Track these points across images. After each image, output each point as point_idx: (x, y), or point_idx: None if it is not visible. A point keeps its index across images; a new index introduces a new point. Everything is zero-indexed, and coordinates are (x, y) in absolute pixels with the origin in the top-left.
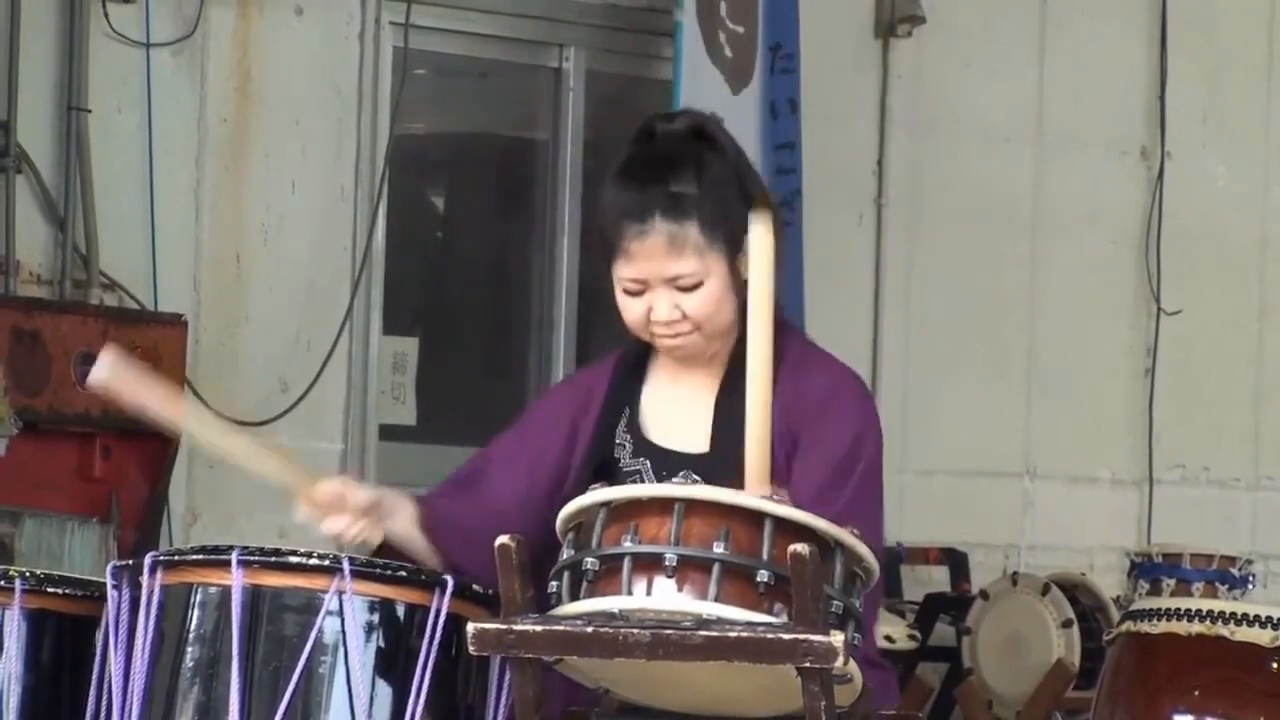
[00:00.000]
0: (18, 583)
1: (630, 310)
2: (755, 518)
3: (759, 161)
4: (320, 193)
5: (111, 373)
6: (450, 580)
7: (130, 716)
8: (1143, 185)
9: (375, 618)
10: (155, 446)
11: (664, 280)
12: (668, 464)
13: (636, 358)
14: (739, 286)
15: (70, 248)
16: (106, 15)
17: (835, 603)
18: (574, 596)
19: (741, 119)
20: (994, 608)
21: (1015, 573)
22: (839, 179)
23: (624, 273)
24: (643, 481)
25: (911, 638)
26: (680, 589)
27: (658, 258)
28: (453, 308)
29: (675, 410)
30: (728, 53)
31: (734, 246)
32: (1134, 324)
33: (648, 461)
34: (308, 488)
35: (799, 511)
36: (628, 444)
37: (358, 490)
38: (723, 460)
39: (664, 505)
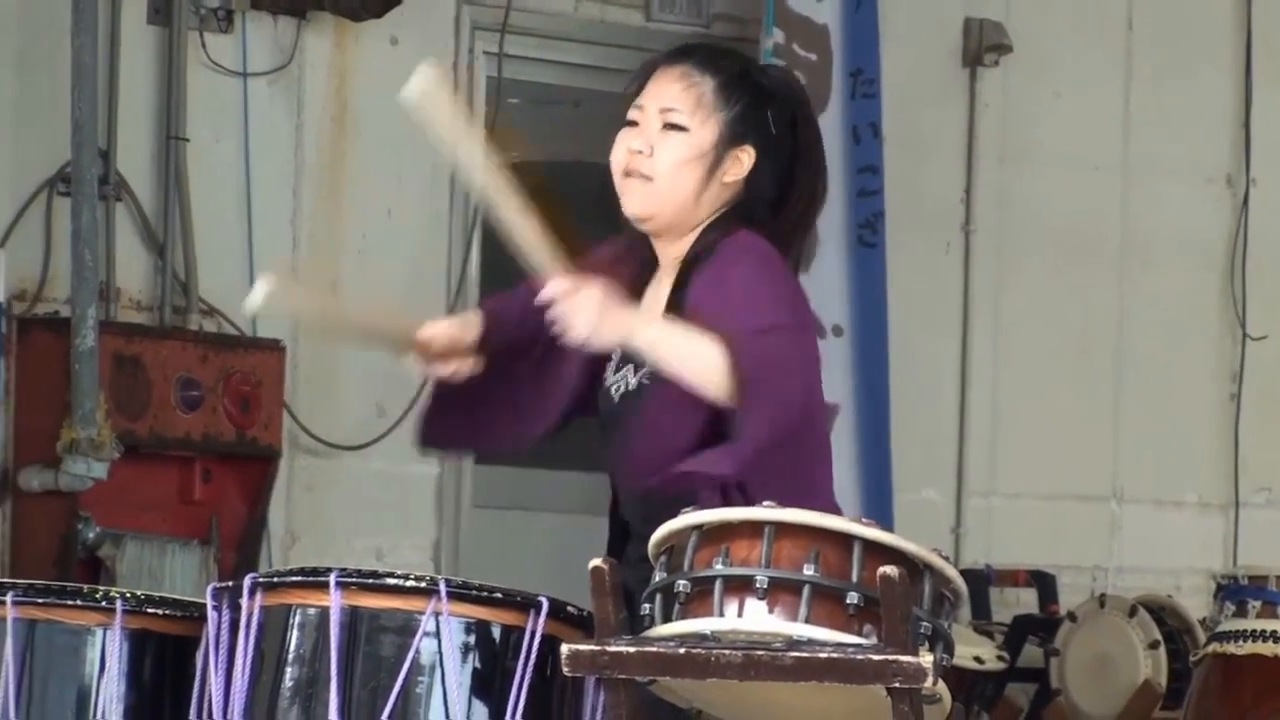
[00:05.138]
0: (119, 603)
1: (617, 146)
2: (845, 540)
3: (840, 184)
4: (416, 219)
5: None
6: (545, 601)
7: None
8: (1228, 213)
9: (471, 639)
10: (255, 470)
11: (659, 109)
12: (622, 357)
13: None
14: (713, 173)
15: (170, 274)
16: (204, 45)
17: (924, 623)
18: (666, 618)
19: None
20: (1082, 629)
21: (1103, 594)
22: (927, 207)
23: (632, 105)
24: (611, 385)
25: (1000, 659)
26: (771, 610)
27: (664, 85)
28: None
29: (647, 306)
30: (801, 80)
31: (735, 135)
32: (1220, 349)
33: (616, 354)
34: (413, 334)
35: (888, 534)
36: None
37: (465, 328)
38: None
39: (755, 528)
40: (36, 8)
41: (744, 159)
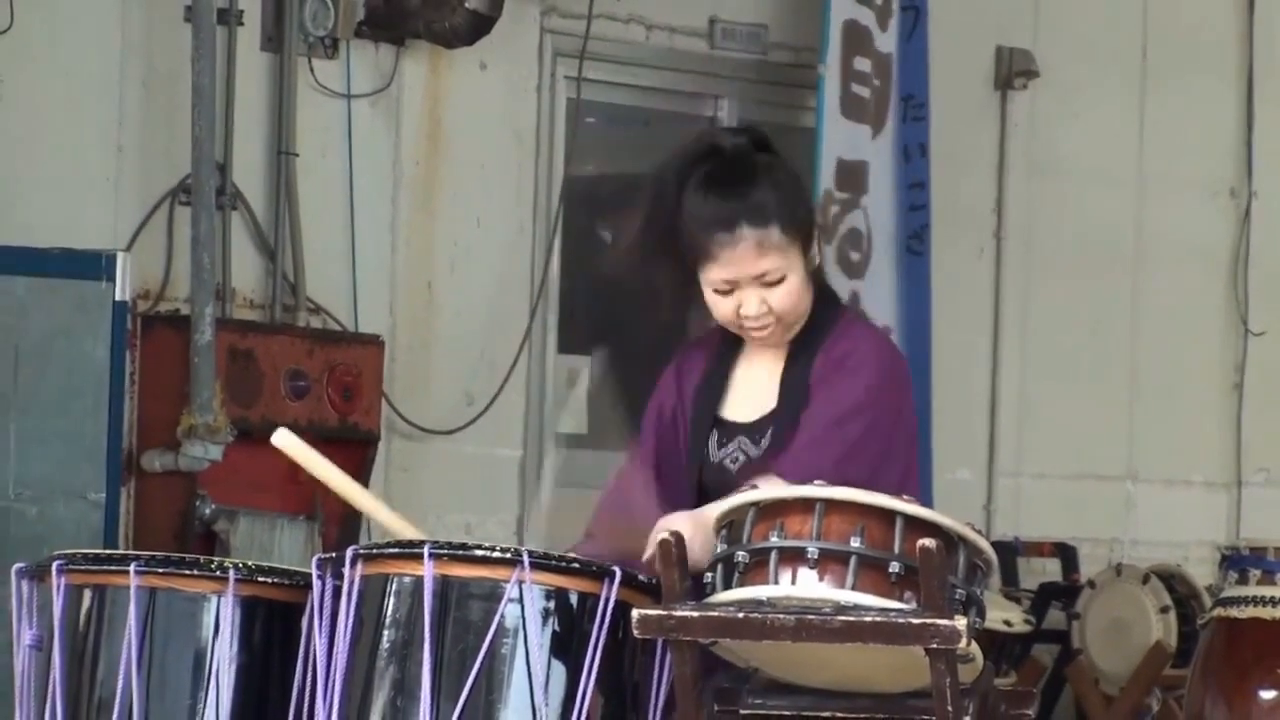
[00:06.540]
0: (231, 573)
1: (721, 308)
2: (887, 515)
3: (894, 198)
4: (502, 227)
5: (287, 443)
6: (618, 571)
7: (333, 693)
8: (1232, 221)
9: (551, 604)
10: (356, 452)
11: (752, 279)
12: (725, 433)
13: (730, 341)
14: (812, 275)
15: (280, 276)
16: (312, 69)
17: (959, 590)
18: (727, 585)
19: (880, 160)
20: (1100, 595)
21: (1119, 564)
22: (963, 216)
23: (715, 275)
24: (709, 452)
25: (1027, 622)
26: (821, 579)
27: (746, 260)
28: (620, 328)
29: (748, 386)
30: (870, 104)
31: (807, 240)
32: (1224, 344)
33: (716, 433)
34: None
35: (927, 510)
36: (709, 418)
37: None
38: (787, 419)
39: (806, 504)
40: (161, 37)
41: (819, 242)
